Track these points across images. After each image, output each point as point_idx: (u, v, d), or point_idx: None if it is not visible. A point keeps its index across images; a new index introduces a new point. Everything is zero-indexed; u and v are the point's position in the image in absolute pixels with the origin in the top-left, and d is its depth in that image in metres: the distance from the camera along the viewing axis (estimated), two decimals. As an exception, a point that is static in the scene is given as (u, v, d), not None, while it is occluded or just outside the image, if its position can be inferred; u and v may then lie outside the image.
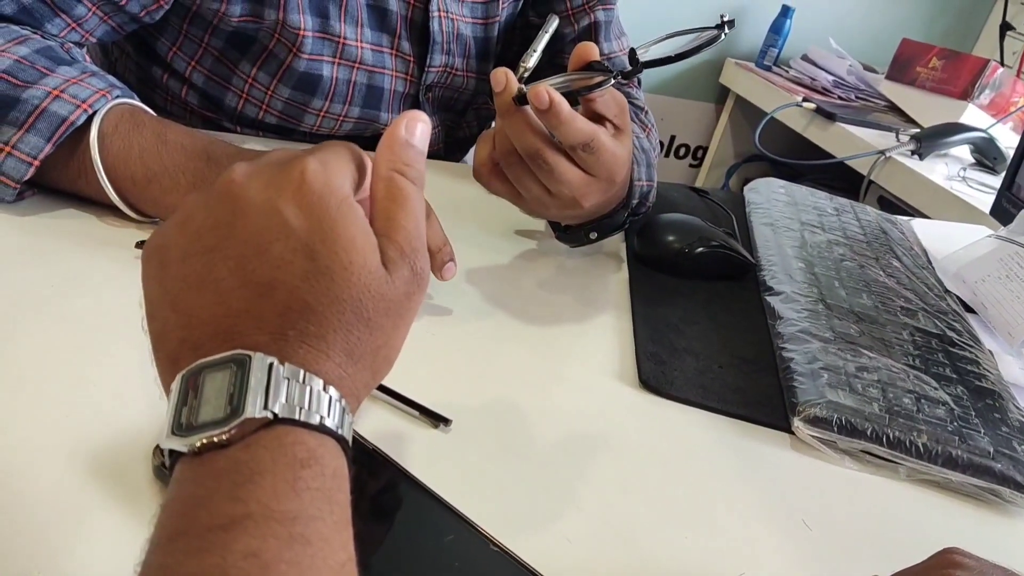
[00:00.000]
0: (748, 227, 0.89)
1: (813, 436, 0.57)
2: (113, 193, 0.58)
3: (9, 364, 0.46)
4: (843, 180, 1.82)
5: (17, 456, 0.40)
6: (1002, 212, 0.97)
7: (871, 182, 1.62)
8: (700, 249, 0.75)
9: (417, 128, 0.39)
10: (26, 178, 0.56)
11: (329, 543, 0.28)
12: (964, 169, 1.64)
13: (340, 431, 0.32)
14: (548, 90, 0.55)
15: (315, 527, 0.28)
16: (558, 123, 0.56)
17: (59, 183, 0.60)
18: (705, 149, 2.31)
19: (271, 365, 0.31)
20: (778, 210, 0.92)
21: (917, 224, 1.05)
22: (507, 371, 0.57)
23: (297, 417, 0.30)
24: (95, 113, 0.57)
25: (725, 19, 0.60)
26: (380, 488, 0.41)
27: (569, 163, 0.59)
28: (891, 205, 1.65)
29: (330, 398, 0.32)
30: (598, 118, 0.61)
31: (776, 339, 0.67)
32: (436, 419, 0.49)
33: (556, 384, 0.57)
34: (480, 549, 0.39)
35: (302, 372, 0.31)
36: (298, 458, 0.29)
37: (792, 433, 0.58)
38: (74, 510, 0.38)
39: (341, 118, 0.82)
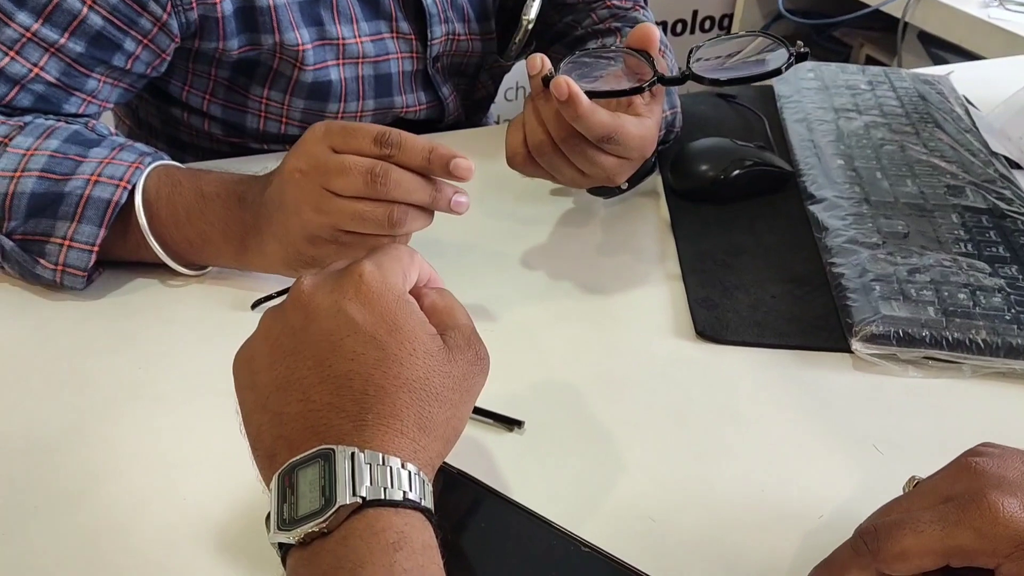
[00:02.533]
0: (782, 126, 0.88)
1: (872, 354, 0.58)
2: (169, 260, 0.62)
3: (118, 453, 0.51)
4: (881, 22, 1.74)
5: (143, 543, 0.45)
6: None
7: (907, 24, 1.55)
8: (736, 172, 0.75)
9: None
10: (90, 265, 0.60)
11: None
12: (1001, -9, 1.55)
13: (423, 502, 0.35)
14: (568, 82, 0.55)
15: None
16: (576, 116, 0.56)
17: (121, 257, 0.63)
18: (731, 16, 2.22)
19: (352, 454, 0.35)
20: (810, 100, 0.90)
21: (958, 75, 1.01)
22: (566, 353, 0.59)
23: (383, 497, 0.34)
24: (134, 187, 0.60)
25: (800, 49, 0.58)
26: (471, 512, 0.45)
27: (594, 151, 0.60)
28: (933, 39, 1.58)
29: (409, 473, 0.36)
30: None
31: (824, 254, 0.68)
32: (510, 423, 0.52)
33: (616, 355, 0.59)
34: (574, 554, 0.43)
35: (380, 455, 0.35)
36: (390, 543, 0.33)
37: (853, 352, 0.59)
38: (213, 586, 0.43)
39: (358, 114, 0.83)
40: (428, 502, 0.36)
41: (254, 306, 0.61)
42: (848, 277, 0.63)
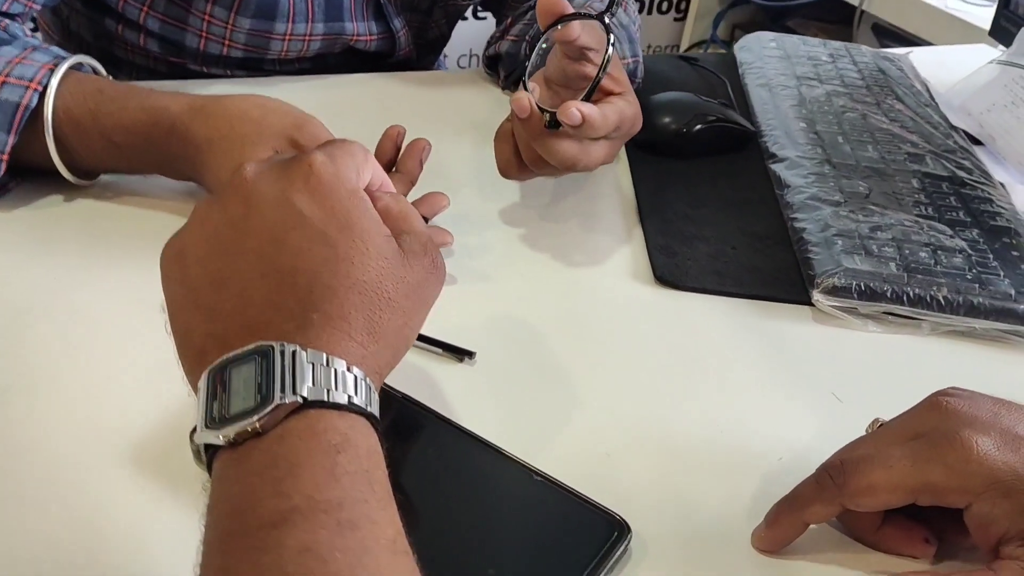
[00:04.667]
0: (744, 90, 0.87)
1: (833, 306, 0.57)
2: (66, 172, 0.57)
3: (31, 367, 0.46)
4: (835, 13, 1.76)
5: (58, 462, 0.41)
6: (1001, 31, 0.94)
7: (863, 12, 1.56)
8: (698, 126, 0.73)
9: None
10: (0, 174, 0.54)
11: (376, 523, 0.29)
12: (958, -17, 1.57)
13: (369, 408, 0.32)
14: (579, 107, 0.53)
15: (360, 510, 0.29)
16: (593, 131, 0.55)
17: (34, 163, 0.58)
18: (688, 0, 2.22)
19: (294, 352, 0.32)
20: (772, 67, 0.89)
21: (916, 56, 1.01)
22: (522, 291, 0.56)
23: (325, 398, 0.31)
24: (46, 89, 0.55)
25: None
26: (417, 438, 0.42)
27: (599, 150, 0.58)
28: (887, 32, 1.60)
29: (355, 377, 0.32)
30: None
31: (786, 210, 0.66)
32: (460, 353, 0.49)
33: (573, 296, 0.57)
34: (525, 482, 0.40)
35: (324, 355, 0.32)
36: (332, 444, 0.30)
37: (813, 305, 0.58)
38: (127, 506, 0.39)
39: (307, 38, 0.79)
40: (374, 409, 0.33)
41: None
42: (810, 231, 0.62)
